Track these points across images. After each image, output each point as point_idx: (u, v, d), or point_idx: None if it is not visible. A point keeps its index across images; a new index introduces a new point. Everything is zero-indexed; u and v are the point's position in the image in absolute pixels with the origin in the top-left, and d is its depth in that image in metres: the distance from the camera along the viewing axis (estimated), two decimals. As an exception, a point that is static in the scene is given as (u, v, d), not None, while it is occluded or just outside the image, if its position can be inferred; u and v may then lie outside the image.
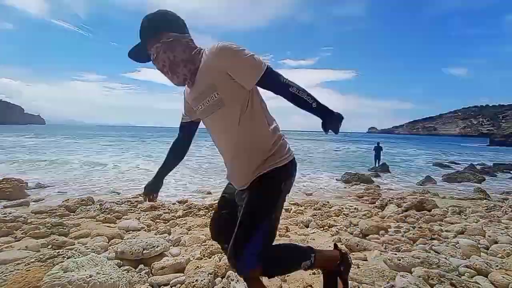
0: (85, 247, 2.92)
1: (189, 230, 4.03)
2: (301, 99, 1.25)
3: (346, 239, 3.42)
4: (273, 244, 1.40)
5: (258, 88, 1.35)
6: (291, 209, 5.75)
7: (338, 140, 54.55)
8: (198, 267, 2.25)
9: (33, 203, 5.64)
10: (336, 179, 10.47)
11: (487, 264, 2.42)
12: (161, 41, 1.25)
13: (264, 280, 2.23)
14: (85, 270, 1.76)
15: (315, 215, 5.07)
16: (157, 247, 2.51)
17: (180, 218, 4.77)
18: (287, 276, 2.41)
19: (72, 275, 1.65)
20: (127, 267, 2.32)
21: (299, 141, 44.70)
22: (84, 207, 5.11)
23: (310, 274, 2.44)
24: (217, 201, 1.77)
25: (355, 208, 5.61)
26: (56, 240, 3.11)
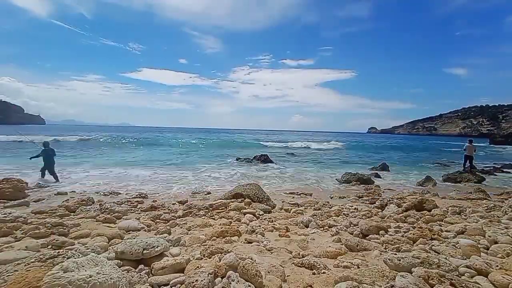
0: (85, 247, 2.92)
1: (189, 230, 4.03)
2: None
3: (346, 239, 3.42)
4: None
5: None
6: (291, 209, 5.76)
7: (338, 140, 54.51)
8: (198, 267, 2.25)
9: (33, 203, 5.63)
10: (336, 179, 10.47)
11: (487, 264, 2.42)
12: None
13: (264, 280, 2.23)
14: (85, 270, 1.75)
15: (315, 215, 5.07)
16: (157, 247, 2.51)
17: (180, 218, 4.77)
18: (287, 276, 2.42)
19: (72, 275, 1.65)
20: (127, 267, 2.32)
21: (299, 141, 44.65)
22: (84, 207, 5.11)
23: (310, 275, 2.45)
24: (216, 202, 1.76)
25: (355, 208, 5.61)
26: (56, 240, 3.12)
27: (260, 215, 5.08)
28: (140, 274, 2.22)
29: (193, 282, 1.97)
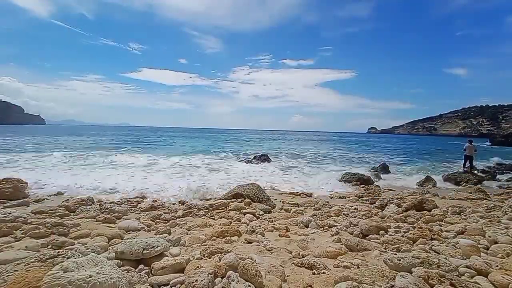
0: (85, 247, 2.92)
1: (189, 230, 4.03)
2: None
3: (346, 239, 3.42)
4: None
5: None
6: (291, 209, 5.75)
7: (338, 140, 54.51)
8: (198, 267, 2.25)
9: (33, 203, 5.63)
10: (336, 179, 10.46)
11: (487, 264, 2.42)
12: None
13: (264, 280, 2.23)
14: (85, 270, 1.75)
15: (315, 215, 5.07)
16: (157, 247, 2.51)
17: (180, 218, 4.77)
18: (287, 276, 2.42)
19: (72, 275, 1.65)
20: (127, 267, 2.32)
21: (299, 141, 44.68)
22: (84, 207, 5.11)
23: (310, 275, 2.44)
24: (216, 202, 1.76)
25: (355, 208, 5.61)
26: (56, 240, 3.12)
27: (260, 215, 5.08)
28: (140, 274, 2.22)
29: (193, 282, 1.97)
